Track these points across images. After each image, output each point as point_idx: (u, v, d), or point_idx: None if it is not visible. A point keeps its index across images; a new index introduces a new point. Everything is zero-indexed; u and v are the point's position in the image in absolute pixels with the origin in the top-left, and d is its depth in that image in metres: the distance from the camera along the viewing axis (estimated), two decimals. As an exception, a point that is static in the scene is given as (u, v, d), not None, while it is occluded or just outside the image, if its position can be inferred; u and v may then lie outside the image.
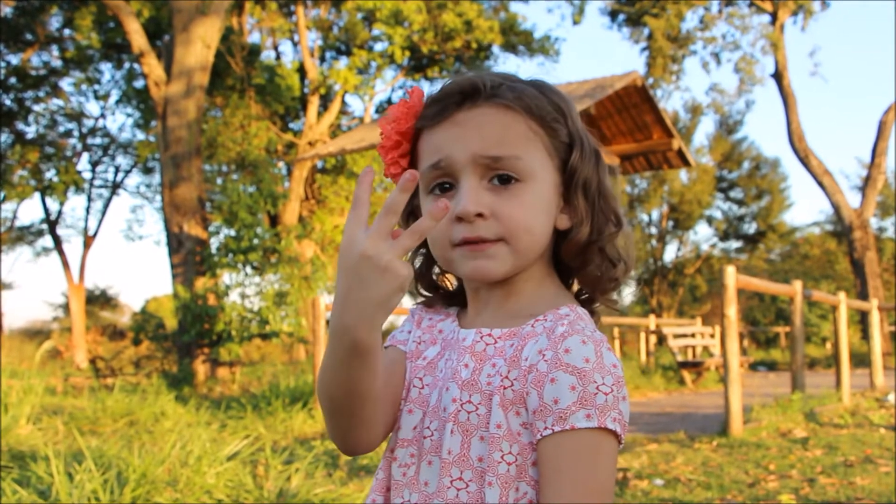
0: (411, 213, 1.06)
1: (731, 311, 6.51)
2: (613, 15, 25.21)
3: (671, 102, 41.67)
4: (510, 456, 0.89)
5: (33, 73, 22.26)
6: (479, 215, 0.94)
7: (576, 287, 1.06)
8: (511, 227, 0.94)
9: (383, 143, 1.01)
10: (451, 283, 1.10)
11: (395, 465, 0.96)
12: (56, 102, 23.60)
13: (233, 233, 12.63)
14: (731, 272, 6.56)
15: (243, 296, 12.42)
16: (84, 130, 24.42)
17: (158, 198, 25.16)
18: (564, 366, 0.88)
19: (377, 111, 22.51)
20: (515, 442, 0.90)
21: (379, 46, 21.47)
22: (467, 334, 0.98)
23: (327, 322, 11.00)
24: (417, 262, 1.08)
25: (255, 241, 12.41)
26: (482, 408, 0.92)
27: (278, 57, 23.71)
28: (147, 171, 25.59)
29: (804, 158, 22.67)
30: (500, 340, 0.95)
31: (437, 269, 1.09)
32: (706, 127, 54.76)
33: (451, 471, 0.91)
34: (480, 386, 0.93)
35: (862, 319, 19.62)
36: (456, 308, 1.08)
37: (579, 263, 1.01)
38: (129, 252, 79.83)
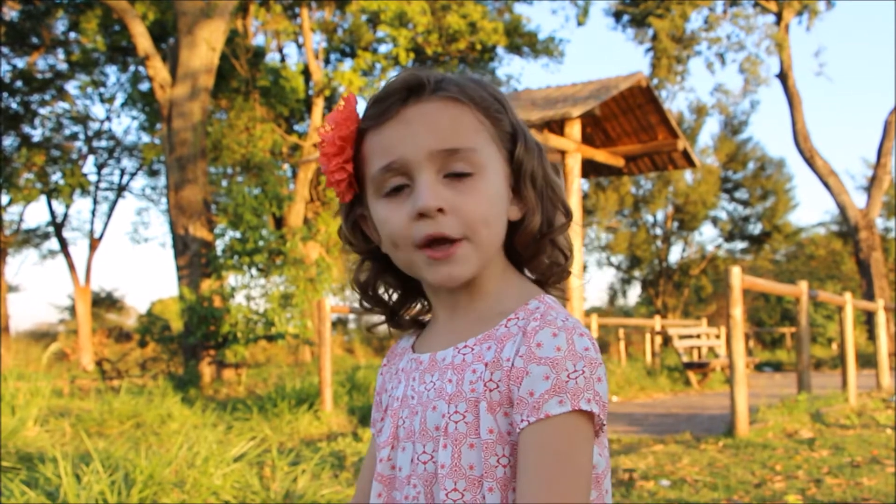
0: (355, 223, 1.04)
1: (737, 311, 6.50)
2: (618, 16, 25.21)
3: (676, 103, 41.66)
4: (504, 458, 0.90)
5: (39, 76, 22.34)
6: (440, 210, 0.93)
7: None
8: (471, 221, 0.94)
9: (325, 150, 0.99)
10: (390, 297, 1.08)
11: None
12: (62, 105, 23.71)
13: (238, 235, 12.65)
14: (736, 273, 6.56)
15: (249, 298, 12.44)
16: (90, 133, 24.52)
17: (164, 200, 25.22)
18: (537, 359, 0.88)
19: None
20: (507, 444, 0.90)
21: (383, 48, 21.51)
22: (446, 354, 0.98)
23: (333, 324, 10.97)
24: (363, 276, 1.06)
25: (261, 242, 12.43)
26: (469, 415, 0.92)
27: (283, 59, 23.77)
28: (152, 173, 25.67)
29: (809, 159, 22.63)
30: (477, 346, 0.96)
31: (387, 281, 1.07)
32: (711, 127, 54.83)
33: (445, 484, 0.90)
34: (465, 394, 0.93)
35: (868, 320, 19.59)
36: (410, 339, 1.08)
37: (531, 253, 1.01)
38: (134, 254, 79.97)
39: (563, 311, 0.95)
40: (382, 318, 1.10)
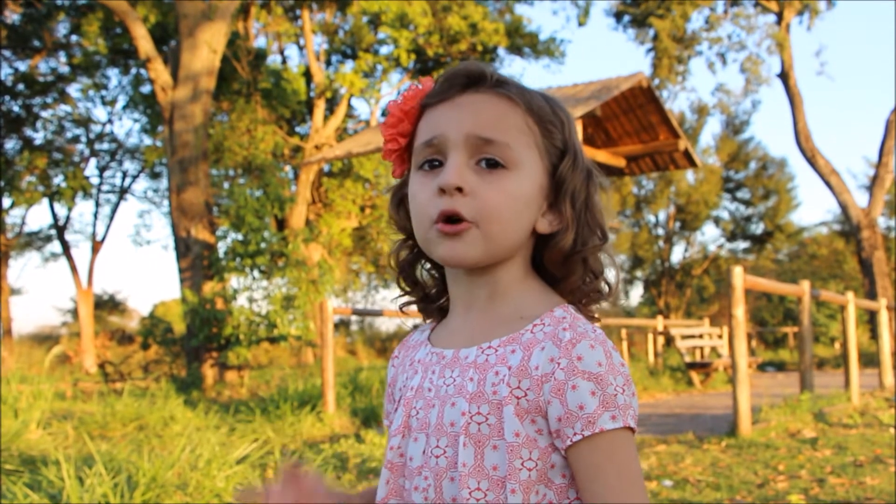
0: (401, 200, 1.08)
1: (739, 311, 6.50)
2: (619, 16, 25.19)
3: (677, 103, 41.59)
4: (530, 462, 0.92)
5: (41, 79, 22.35)
6: (460, 190, 0.96)
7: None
8: (485, 209, 0.96)
9: (386, 120, 1.04)
10: (430, 279, 1.10)
11: (417, 493, 0.97)
12: (64, 108, 23.71)
13: (240, 237, 12.66)
14: (738, 272, 6.55)
15: (251, 300, 12.44)
16: (91, 136, 24.52)
17: (166, 202, 25.22)
18: (581, 373, 0.91)
19: (383, 114, 22.50)
20: (535, 448, 0.92)
21: (384, 50, 21.52)
22: (469, 352, 0.99)
23: (335, 325, 10.95)
24: (403, 254, 1.09)
25: (263, 244, 12.44)
26: (492, 417, 0.93)
27: (284, 61, 23.79)
28: (154, 175, 25.67)
29: (811, 158, 22.61)
30: (501, 348, 0.97)
31: (423, 264, 1.10)
32: (712, 127, 54.62)
33: (468, 482, 0.92)
34: (487, 396, 0.94)
35: (871, 319, 19.55)
36: (427, 329, 1.10)
37: (563, 273, 1.02)
38: (137, 257, 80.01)
39: (588, 322, 0.97)
40: (414, 299, 1.11)
